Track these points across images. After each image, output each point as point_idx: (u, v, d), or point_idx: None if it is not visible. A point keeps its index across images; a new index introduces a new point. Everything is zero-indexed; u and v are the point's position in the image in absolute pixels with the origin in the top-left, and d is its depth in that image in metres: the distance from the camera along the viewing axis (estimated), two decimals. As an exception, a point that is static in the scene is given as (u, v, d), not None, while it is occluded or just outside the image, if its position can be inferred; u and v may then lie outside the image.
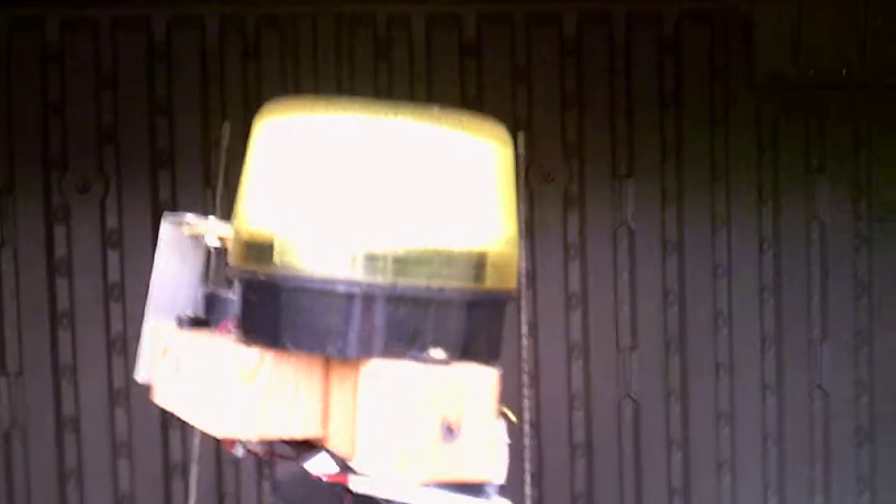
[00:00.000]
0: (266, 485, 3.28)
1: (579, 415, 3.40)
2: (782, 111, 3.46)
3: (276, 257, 1.06)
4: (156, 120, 3.27)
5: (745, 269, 3.46)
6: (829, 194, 3.48)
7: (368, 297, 1.03)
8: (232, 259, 1.13)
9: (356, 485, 1.02)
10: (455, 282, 1.05)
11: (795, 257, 3.47)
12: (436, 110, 1.07)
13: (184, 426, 3.22)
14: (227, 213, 1.28)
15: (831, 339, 3.48)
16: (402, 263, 1.03)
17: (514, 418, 1.06)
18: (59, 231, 3.25)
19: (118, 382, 3.25)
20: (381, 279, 1.03)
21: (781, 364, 3.47)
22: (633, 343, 3.42)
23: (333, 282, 1.03)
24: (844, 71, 3.43)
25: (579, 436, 3.41)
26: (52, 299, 3.25)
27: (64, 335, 3.25)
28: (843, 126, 3.48)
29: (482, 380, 1.03)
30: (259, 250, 1.07)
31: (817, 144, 3.48)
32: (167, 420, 3.25)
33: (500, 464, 1.04)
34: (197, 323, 1.22)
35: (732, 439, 3.45)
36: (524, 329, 3.21)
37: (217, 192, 3.12)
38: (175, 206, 3.25)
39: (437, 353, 1.03)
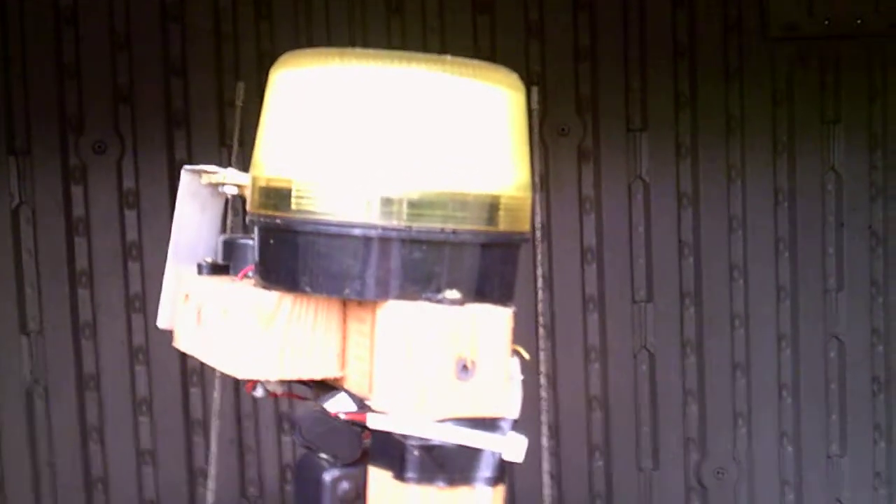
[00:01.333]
0: (285, 439, 3.32)
1: (595, 367, 3.43)
2: (797, 62, 3.46)
3: (294, 202, 1.07)
4: (170, 80, 3.29)
5: (760, 220, 3.47)
6: (844, 145, 3.49)
7: (384, 240, 1.05)
8: (250, 205, 1.14)
9: (374, 422, 1.04)
10: (469, 224, 1.07)
11: (810, 208, 3.48)
12: (448, 58, 1.08)
13: (203, 382, 3.27)
14: (242, 170, 1.30)
15: (847, 289, 3.50)
16: (417, 207, 1.05)
17: (526, 356, 1.08)
18: (77, 191, 3.28)
19: (138, 340, 3.28)
20: (397, 222, 1.05)
21: (797, 315, 3.49)
22: (649, 295, 3.44)
23: (350, 225, 1.05)
24: (859, 21, 3.42)
25: (595, 388, 3.43)
26: (71, 259, 3.28)
27: (83, 294, 3.28)
28: (858, 76, 3.48)
29: (496, 319, 1.05)
30: (277, 196, 1.09)
31: (832, 95, 3.48)
32: (187, 376, 3.29)
33: (515, 400, 1.06)
34: (217, 269, 1.24)
35: (748, 390, 3.48)
36: (540, 282, 3.23)
37: (232, 151, 3.15)
38: (192, 165, 3.26)
39: (452, 293, 1.05)
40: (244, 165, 1.20)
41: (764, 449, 3.50)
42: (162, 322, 1.32)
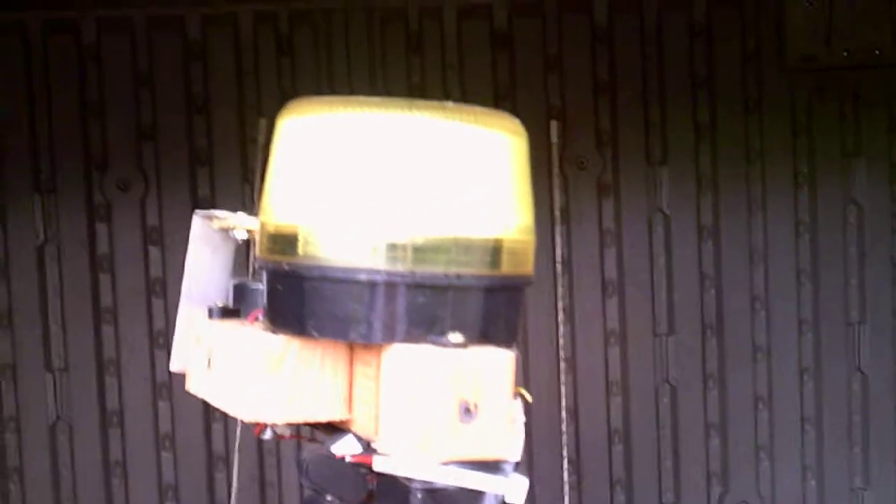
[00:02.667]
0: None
1: (617, 400, 3.42)
2: (816, 93, 3.45)
3: (301, 248, 1.09)
4: (193, 118, 3.32)
5: (781, 253, 3.46)
6: (865, 176, 3.47)
7: (390, 285, 1.07)
8: (259, 251, 1.16)
9: (379, 465, 1.05)
10: (472, 268, 1.08)
11: (832, 240, 3.47)
12: (450, 105, 1.10)
13: (226, 418, 3.27)
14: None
15: (870, 321, 3.48)
16: (422, 252, 1.06)
17: (529, 398, 1.09)
18: (101, 229, 3.31)
19: (161, 376, 3.30)
20: (402, 267, 1.06)
21: (819, 347, 3.47)
22: (670, 328, 3.43)
23: (356, 270, 1.07)
24: (877, 51, 3.42)
25: (617, 421, 3.42)
26: (96, 296, 3.30)
27: (107, 330, 3.30)
28: (878, 107, 3.47)
29: (498, 362, 1.06)
30: (284, 242, 1.11)
31: (852, 126, 3.47)
32: (210, 413, 3.30)
33: (517, 442, 1.06)
34: (227, 313, 1.26)
35: (771, 423, 3.46)
36: (561, 316, 3.23)
37: (255, 188, 3.17)
38: (214, 202, 3.29)
39: (456, 337, 1.06)
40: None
41: (787, 482, 3.47)
42: (175, 365, 1.34)
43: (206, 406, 3.23)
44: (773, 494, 3.46)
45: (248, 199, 3.25)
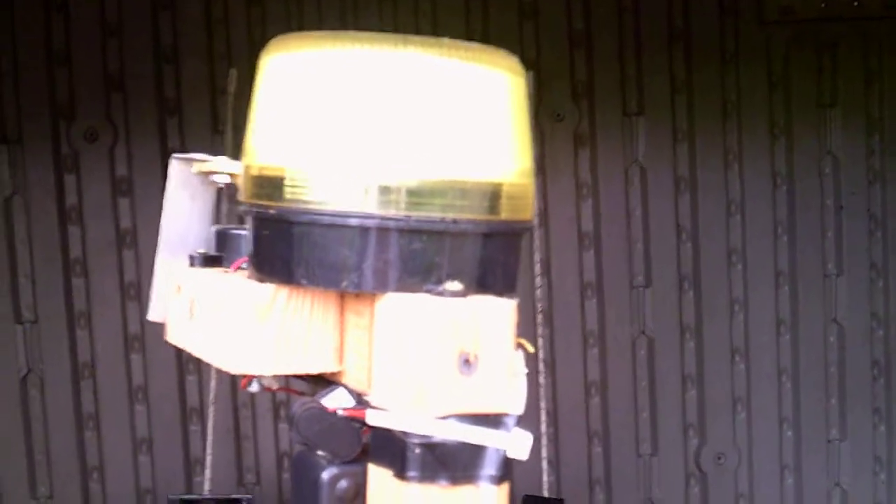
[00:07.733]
0: (282, 427, 3.30)
1: (594, 352, 3.40)
2: (793, 45, 3.42)
3: (288, 192, 1.04)
4: (162, 67, 3.25)
5: (758, 204, 3.44)
6: (842, 128, 3.46)
7: (382, 230, 1.02)
8: (242, 195, 1.11)
9: (373, 419, 1.01)
10: (470, 213, 1.03)
11: (809, 192, 3.45)
12: (446, 41, 1.05)
13: (200, 370, 3.24)
14: (236, 158, 1.27)
15: (846, 273, 3.47)
16: (416, 195, 1.01)
17: (531, 349, 1.05)
18: (69, 180, 3.24)
19: (133, 328, 3.26)
20: (395, 212, 1.01)
21: (796, 299, 3.46)
22: (647, 281, 3.42)
23: (346, 215, 1.02)
24: (855, 3, 3.39)
25: (594, 373, 3.41)
26: (65, 248, 3.25)
27: (77, 282, 3.25)
28: (855, 59, 3.44)
29: (499, 311, 1.02)
30: (270, 185, 1.06)
31: (829, 78, 3.45)
32: (183, 365, 3.27)
33: (519, 395, 1.03)
34: (209, 261, 1.21)
35: (747, 375, 3.46)
36: (537, 268, 3.21)
37: (226, 138, 3.12)
38: (184, 152, 3.23)
39: (454, 285, 1.01)
40: (238, 151, 1.17)
41: (763, 434, 3.48)
42: (153, 314, 1.30)
43: (180, 358, 3.23)
44: (749, 446, 3.47)
45: (218, 149, 3.19)
